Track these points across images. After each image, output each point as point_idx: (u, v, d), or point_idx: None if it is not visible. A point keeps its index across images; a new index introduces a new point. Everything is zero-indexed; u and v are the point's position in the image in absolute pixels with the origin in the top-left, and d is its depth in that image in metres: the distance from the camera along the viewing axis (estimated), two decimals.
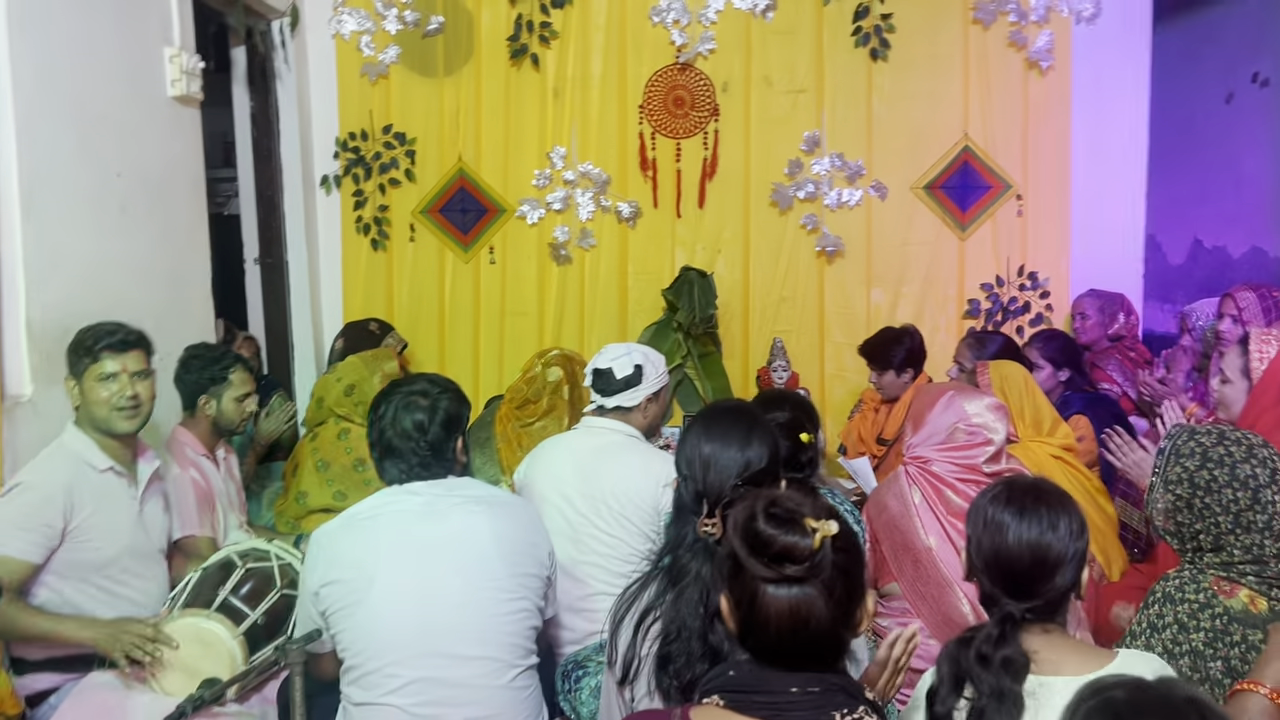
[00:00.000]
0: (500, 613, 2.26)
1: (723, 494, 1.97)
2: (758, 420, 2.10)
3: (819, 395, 5.03)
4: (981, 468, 2.67)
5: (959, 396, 2.75)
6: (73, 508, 2.57)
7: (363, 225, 4.98)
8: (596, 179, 4.92)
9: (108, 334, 2.67)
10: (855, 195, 4.93)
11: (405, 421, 2.29)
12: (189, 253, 3.69)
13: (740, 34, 4.88)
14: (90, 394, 2.65)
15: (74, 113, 3.01)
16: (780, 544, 1.41)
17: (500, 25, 4.87)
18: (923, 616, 2.65)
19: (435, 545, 2.24)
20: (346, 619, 2.20)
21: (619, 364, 2.98)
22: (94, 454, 2.67)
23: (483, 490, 2.38)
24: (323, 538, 2.28)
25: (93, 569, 2.62)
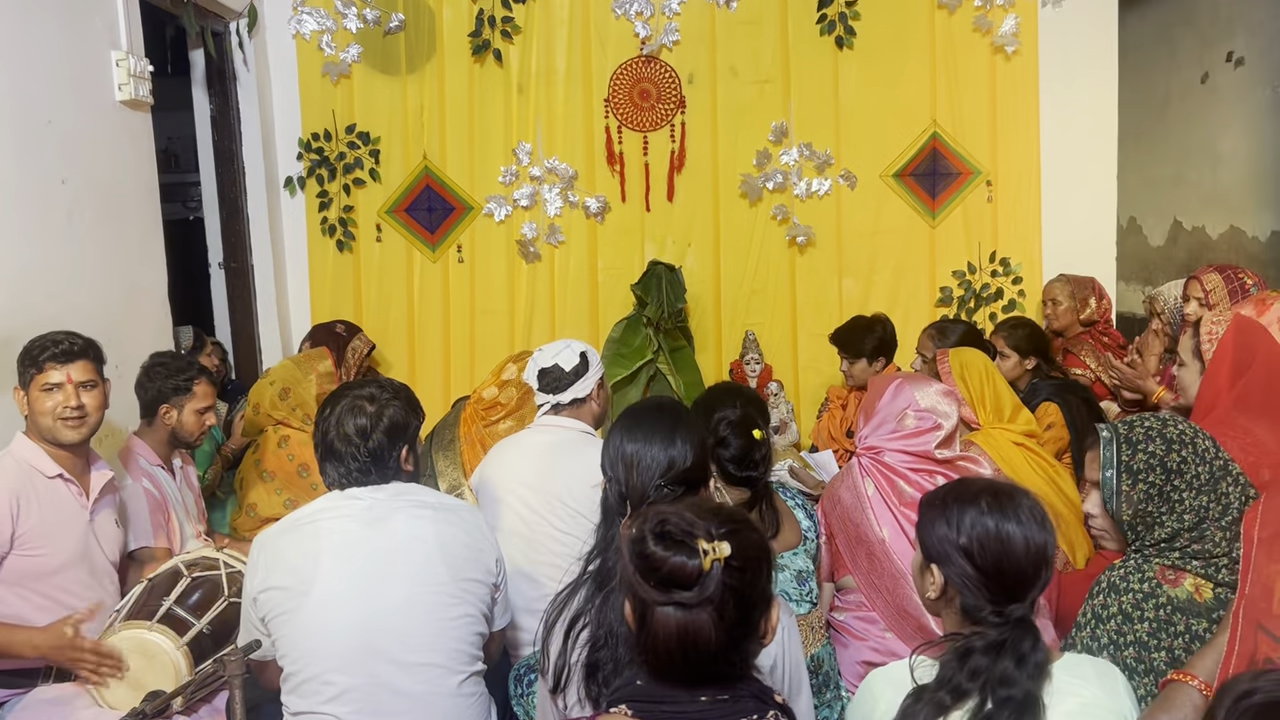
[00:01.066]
0: (443, 618, 2.21)
1: (646, 495, 1.93)
2: (682, 418, 2.06)
3: (793, 386, 5.00)
4: (934, 454, 2.64)
5: (907, 384, 2.72)
6: (19, 513, 2.54)
7: (328, 226, 4.94)
8: (563, 174, 4.88)
9: (53, 344, 2.63)
10: (824, 185, 4.89)
11: (348, 425, 2.24)
12: (142, 259, 3.65)
13: (704, 25, 4.84)
14: (36, 404, 2.62)
15: (14, 118, 2.97)
16: (668, 567, 1.38)
17: (462, 21, 4.83)
18: (878, 609, 2.62)
19: (377, 550, 2.19)
20: (285, 625, 2.16)
21: (563, 358, 2.94)
22: (43, 461, 2.64)
23: (428, 496, 2.33)
24: (264, 541, 2.24)
25: (40, 577, 2.59)
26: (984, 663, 1.64)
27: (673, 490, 1.95)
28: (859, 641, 2.65)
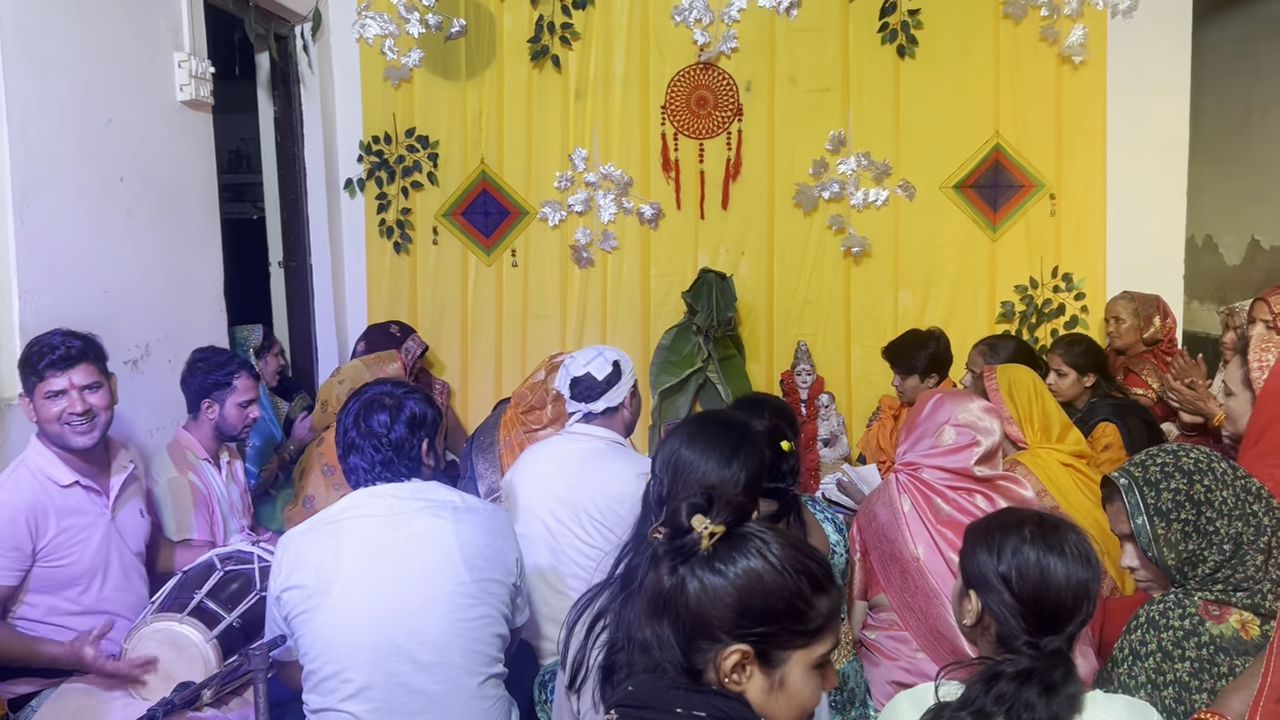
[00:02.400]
0: (463, 619, 2.21)
1: None
2: (749, 440, 2.02)
3: (845, 400, 4.93)
4: (973, 471, 2.57)
5: (947, 399, 2.66)
6: (38, 529, 2.54)
7: (386, 228, 5.00)
8: (618, 180, 4.88)
9: (50, 350, 2.56)
10: (882, 195, 4.82)
11: (370, 419, 2.28)
12: (200, 257, 3.73)
13: (764, 32, 4.81)
14: (42, 411, 2.57)
15: (76, 117, 3.05)
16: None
17: (522, 27, 4.86)
18: (910, 628, 2.56)
19: (397, 550, 2.21)
20: (306, 623, 2.18)
21: (595, 366, 2.93)
22: (57, 470, 2.61)
23: (449, 495, 2.34)
24: (288, 541, 2.27)
25: (67, 584, 2.61)
26: (1010, 689, 1.60)
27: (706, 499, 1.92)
28: (890, 661, 2.60)
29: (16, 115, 2.78)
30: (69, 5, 3.01)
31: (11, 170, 2.76)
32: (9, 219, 2.76)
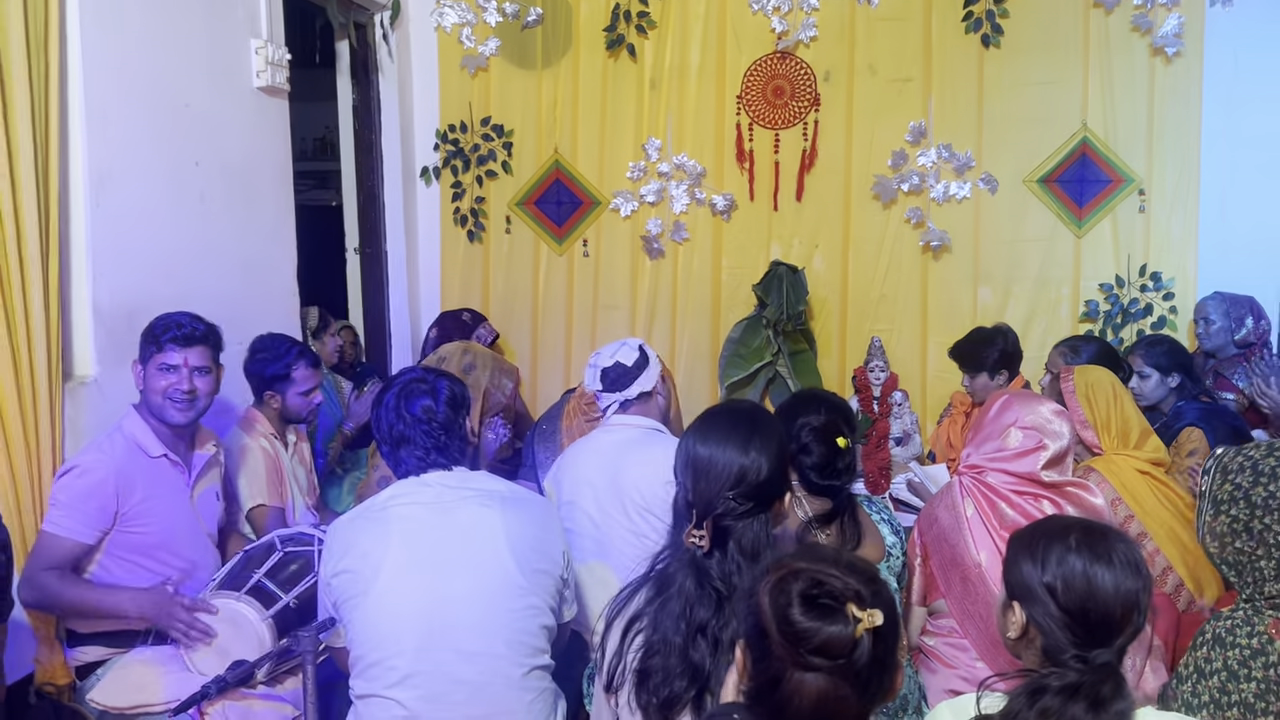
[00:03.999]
0: (508, 609, 2.20)
1: (712, 505, 1.85)
2: (760, 425, 1.94)
3: (919, 398, 4.82)
4: (1040, 476, 2.48)
5: (1015, 400, 2.57)
6: (124, 492, 2.61)
7: (460, 216, 5.04)
8: (691, 171, 4.83)
9: (175, 326, 2.69)
10: (963, 188, 4.69)
11: (413, 407, 2.28)
12: (273, 242, 3.79)
13: (844, 21, 4.71)
14: (150, 381, 2.68)
15: (152, 103, 3.12)
16: (821, 638, 1.29)
17: (598, 16, 4.84)
18: (970, 636, 2.48)
19: (444, 539, 2.21)
20: (354, 609, 2.19)
21: (621, 355, 2.91)
22: (149, 440, 2.71)
23: (496, 484, 2.34)
24: (338, 527, 2.29)
25: (143, 551, 2.68)
26: (1055, 703, 1.53)
27: (741, 504, 1.87)
28: (948, 669, 2.52)
29: (95, 100, 2.85)
30: None
31: (88, 155, 2.84)
32: (84, 203, 2.83)
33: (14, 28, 2.53)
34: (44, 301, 2.64)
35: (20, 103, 2.55)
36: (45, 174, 2.64)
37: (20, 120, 2.56)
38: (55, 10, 2.69)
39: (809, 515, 2.38)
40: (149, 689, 2.50)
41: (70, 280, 2.84)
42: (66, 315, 2.83)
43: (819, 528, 2.38)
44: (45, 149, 2.65)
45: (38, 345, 2.62)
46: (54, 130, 2.69)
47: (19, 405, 2.57)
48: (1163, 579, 2.89)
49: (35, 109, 2.60)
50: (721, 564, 1.87)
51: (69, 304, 2.84)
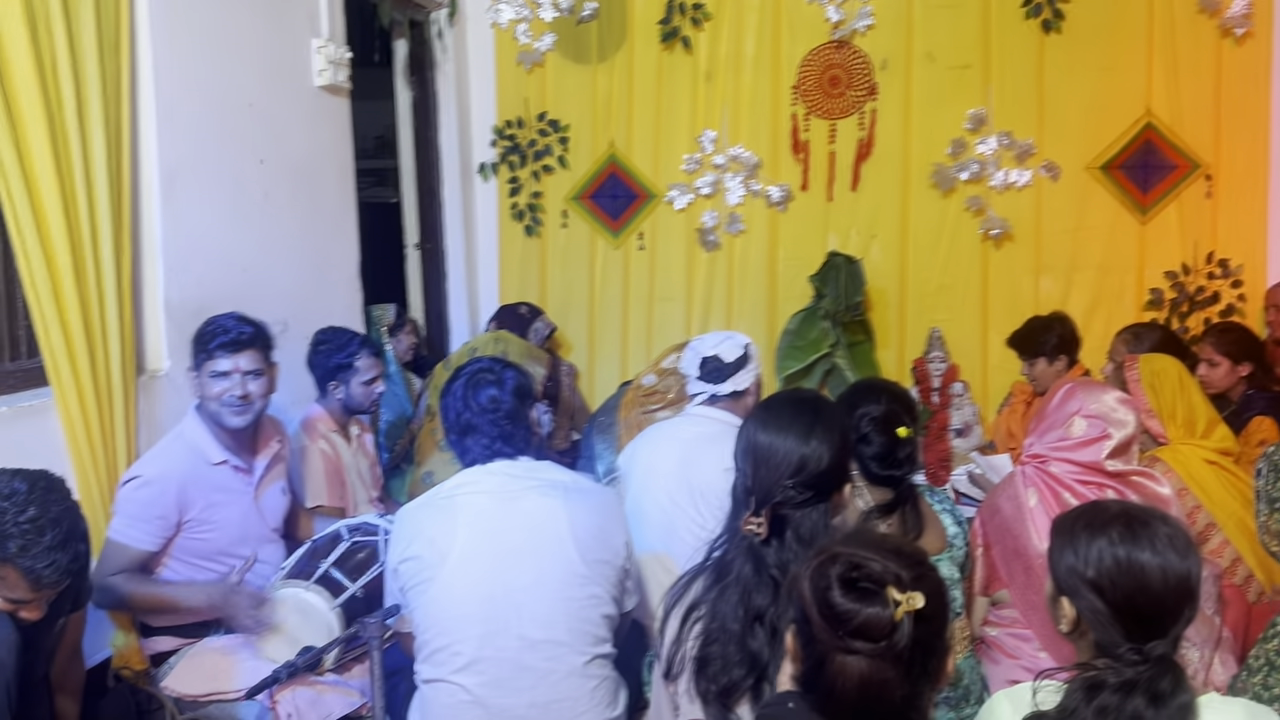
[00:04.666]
0: (572, 598, 2.22)
1: (771, 494, 1.85)
2: (822, 413, 1.94)
3: (980, 389, 4.76)
4: (1104, 466, 2.44)
5: (1079, 388, 2.53)
6: (187, 502, 2.65)
7: (517, 211, 5.08)
8: (746, 163, 4.82)
9: (223, 332, 2.68)
10: (1024, 176, 4.63)
11: (480, 398, 2.30)
12: (336, 238, 3.86)
13: (901, 9, 4.67)
14: (204, 388, 2.69)
15: (218, 102, 3.19)
16: (859, 619, 1.29)
17: (653, 8, 4.85)
18: (1033, 627, 2.46)
19: (509, 527, 2.23)
20: (420, 595, 2.23)
21: (724, 349, 2.88)
22: (210, 446, 2.71)
23: (560, 474, 2.35)
24: (406, 514, 2.32)
25: (207, 555, 2.72)
26: (1113, 701, 1.50)
27: (801, 493, 1.87)
28: (1011, 660, 2.50)
29: (164, 101, 2.92)
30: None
31: (159, 154, 2.91)
32: (155, 201, 2.91)
33: (87, 33, 2.61)
34: (117, 298, 2.71)
35: (94, 106, 2.63)
36: (118, 174, 2.72)
37: (94, 123, 2.63)
38: (126, 15, 2.77)
39: (869, 505, 2.37)
40: (221, 677, 2.56)
41: (142, 277, 2.92)
42: (139, 311, 2.91)
43: (880, 518, 2.37)
44: (118, 150, 2.73)
45: (112, 340, 2.70)
46: (126, 131, 2.76)
47: (95, 399, 2.65)
48: (1232, 570, 2.83)
49: (108, 111, 2.68)
50: (779, 552, 1.87)
51: (141, 300, 2.92)
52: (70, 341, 2.58)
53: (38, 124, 2.46)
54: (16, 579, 1.91)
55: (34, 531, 1.88)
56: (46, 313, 2.52)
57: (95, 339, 2.65)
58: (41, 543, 1.88)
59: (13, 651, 1.95)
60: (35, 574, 1.90)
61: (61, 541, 1.91)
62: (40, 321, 2.52)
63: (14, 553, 1.87)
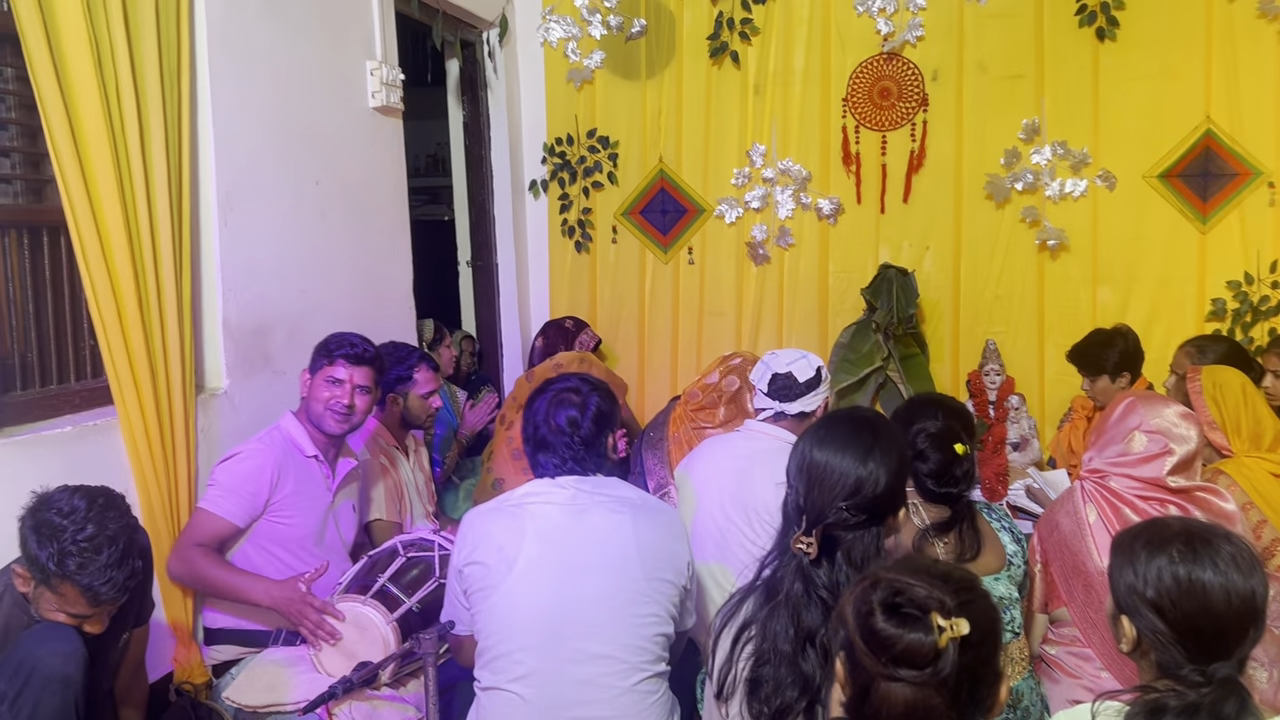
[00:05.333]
0: (632, 614, 2.22)
1: (824, 515, 1.84)
2: (882, 435, 1.92)
3: (1038, 402, 4.70)
4: (1166, 482, 2.40)
5: (1140, 402, 2.49)
6: (278, 482, 2.81)
7: (567, 228, 5.11)
8: (796, 176, 4.81)
9: (349, 345, 2.92)
10: (1080, 185, 4.56)
11: (559, 417, 2.33)
12: (390, 256, 3.91)
13: (951, 19, 4.63)
14: (316, 390, 2.89)
15: (275, 125, 3.25)
16: (902, 645, 1.28)
17: (701, 24, 4.86)
18: (1094, 645, 2.42)
19: (576, 540, 2.24)
20: (484, 600, 2.25)
21: (798, 367, 2.86)
22: (304, 440, 2.90)
23: (628, 492, 2.37)
24: (474, 518, 2.35)
25: (283, 544, 2.84)
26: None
27: (854, 515, 1.85)
28: (1071, 679, 2.46)
29: (221, 124, 2.98)
30: (269, 18, 3.21)
31: (216, 176, 2.97)
32: (214, 223, 2.97)
33: (149, 58, 2.67)
34: (177, 317, 2.77)
35: (155, 131, 2.69)
36: (179, 196, 2.78)
37: (155, 147, 2.69)
38: (186, 40, 2.83)
39: (926, 523, 2.34)
40: (279, 689, 2.60)
41: (201, 297, 2.98)
42: (198, 330, 2.97)
43: (936, 536, 2.34)
44: (179, 172, 2.79)
45: (172, 359, 2.75)
46: (186, 154, 2.83)
47: (156, 417, 2.70)
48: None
49: (169, 135, 2.74)
50: (829, 573, 1.85)
51: (200, 319, 2.98)
52: (133, 361, 2.64)
53: (102, 149, 2.52)
54: (75, 595, 1.95)
55: (91, 549, 1.92)
56: (110, 333, 2.57)
57: (156, 359, 2.71)
58: (99, 560, 1.93)
59: (81, 666, 1.99)
60: (93, 590, 1.94)
61: (119, 559, 1.95)
62: (104, 342, 2.57)
63: (72, 570, 1.91)
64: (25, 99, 2.48)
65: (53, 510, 1.94)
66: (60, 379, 2.69)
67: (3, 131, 2.57)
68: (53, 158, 2.43)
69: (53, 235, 2.64)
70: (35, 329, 2.62)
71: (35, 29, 2.36)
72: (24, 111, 2.54)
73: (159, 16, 2.70)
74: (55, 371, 2.68)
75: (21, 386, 2.57)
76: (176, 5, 2.79)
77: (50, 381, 2.66)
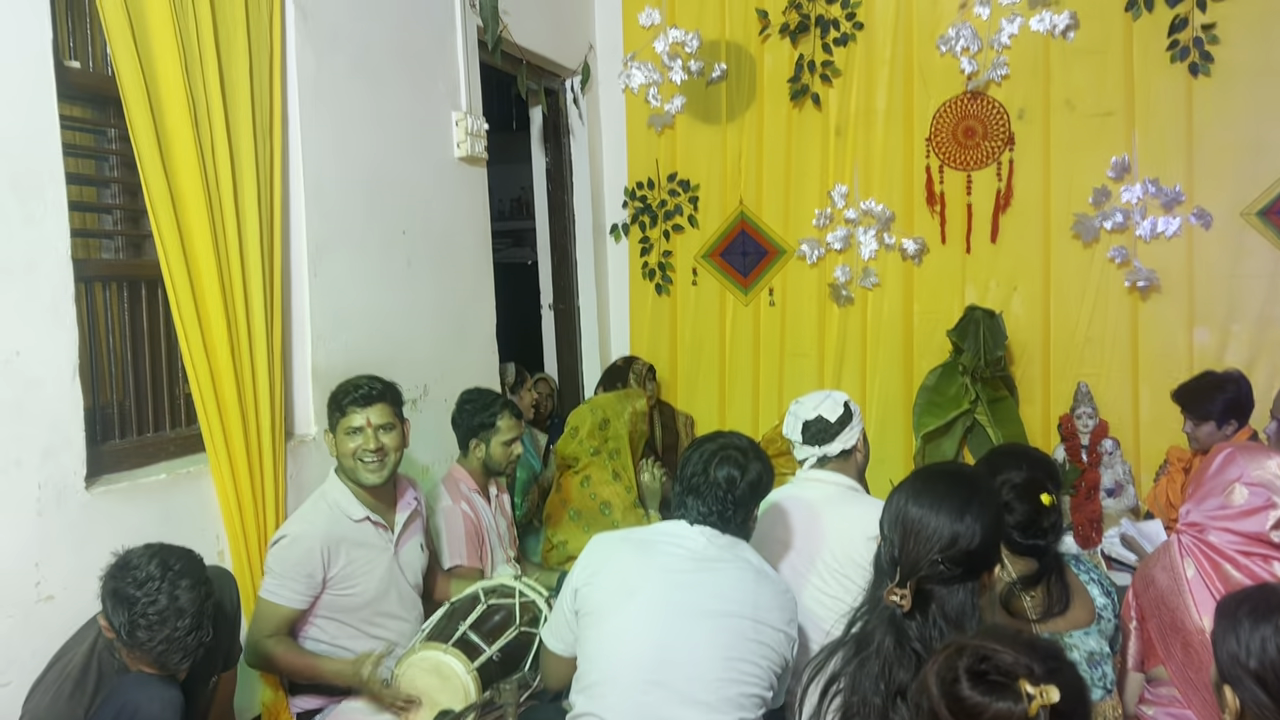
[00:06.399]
0: (735, 668, 2.19)
1: (918, 566, 1.81)
2: (980, 490, 1.89)
3: (1133, 446, 4.55)
4: (1270, 537, 2.29)
5: (1239, 453, 2.39)
6: (331, 558, 2.73)
7: (648, 270, 5.14)
8: (880, 216, 4.77)
9: (354, 389, 2.78)
10: (1173, 224, 4.43)
11: (720, 471, 2.33)
12: (473, 301, 3.97)
13: (1037, 57, 4.57)
14: (340, 446, 2.77)
15: (364, 177, 3.34)
16: (989, 714, 1.25)
17: (782, 67, 4.88)
18: (1193, 707, 2.32)
19: (699, 586, 2.24)
20: (594, 625, 2.25)
21: (825, 409, 2.83)
22: (351, 504, 2.80)
23: (755, 558, 2.36)
24: (601, 542, 2.38)
25: (351, 611, 2.80)
26: None
27: (950, 569, 1.82)
28: None
29: (312, 178, 3.08)
30: (359, 73, 3.31)
31: (307, 228, 3.06)
32: (304, 274, 3.06)
33: (243, 116, 2.78)
34: (268, 367, 2.85)
35: (249, 184, 2.79)
36: (270, 249, 2.87)
37: (248, 200, 2.79)
38: (279, 97, 2.94)
39: (1012, 577, 2.27)
40: None
41: (291, 346, 3.06)
42: (288, 378, 3.05)
43: (1023, 589, 2.27)
44: (270, 225, 2.88)
45: (263, 407, 2.83)
46: (278, 207, 2.92)
47: (247, 464, 2.77)
48: None
49: (262, 189, 2.83)
50: (922, 627, 1.82)
51: (290, 368, 3.06)
52: (224, 409, 2.71)
53: (197, 204, 2.62)
54: (147, 662, 2.01)
55: (160, 622, 1.97)
56: (202, 382, 2.65)
57: (248, 406, 2.78)
58: (165, 632, 1.98)
59: (178, 713, 2.04)
60: (161, 660, 2.00)
61: (187, 631, 2.00)
62: (197, 391, 2.65)
63: (141, 640, 1.97)
64: (127, 158, 2.58)
65: (128, 580, 1.99)
66: (156, 427, 2.77)
67: (105, 189, 2.68)
68: (150, 214, 2.53)
69: (150, 288, 2.73)
70: (133, 378, 2.71)
71: (136, 91, 2.47)
72: (125, 170, 2.65)
73: (253, 75, 2.81)
74: (151, 420, 2.77)
75: (120, 435, 2.66)
76: (270, 63, 2.90)
77: (146, 430, 2.74)
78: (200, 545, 2.41)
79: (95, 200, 2.66)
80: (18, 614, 2.22)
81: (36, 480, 2.26)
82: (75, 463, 2.35)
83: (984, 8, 4.58)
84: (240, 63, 2.78)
